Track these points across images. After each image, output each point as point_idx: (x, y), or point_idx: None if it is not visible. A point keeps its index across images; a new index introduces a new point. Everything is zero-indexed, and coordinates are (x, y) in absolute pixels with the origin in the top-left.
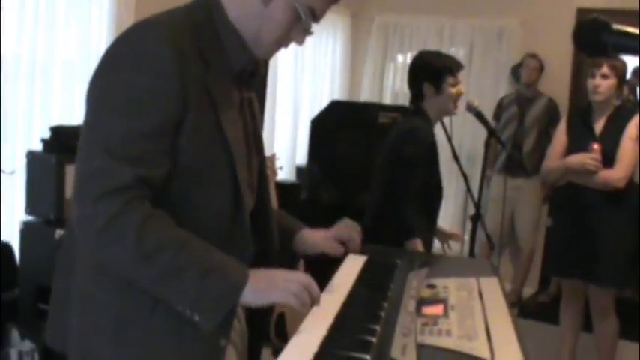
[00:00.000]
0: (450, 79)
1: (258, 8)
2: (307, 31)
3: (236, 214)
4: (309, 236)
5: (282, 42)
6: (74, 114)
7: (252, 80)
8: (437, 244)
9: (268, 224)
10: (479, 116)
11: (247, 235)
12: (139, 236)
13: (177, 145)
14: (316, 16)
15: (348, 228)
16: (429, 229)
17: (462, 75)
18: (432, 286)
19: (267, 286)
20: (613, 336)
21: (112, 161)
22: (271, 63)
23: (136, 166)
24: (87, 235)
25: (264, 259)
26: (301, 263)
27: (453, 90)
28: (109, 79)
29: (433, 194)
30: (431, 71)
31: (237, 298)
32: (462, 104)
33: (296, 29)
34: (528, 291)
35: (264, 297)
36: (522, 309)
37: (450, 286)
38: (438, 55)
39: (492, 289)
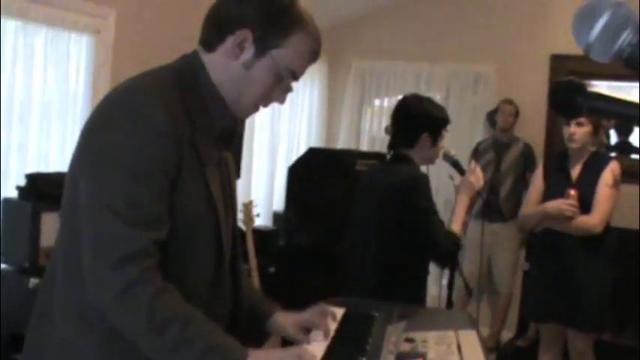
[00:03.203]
0: (444, 133)
1: (241, 72)
2: (288, 90)
3: (218, 270)
4: (280, 321)
5: (263, 102)
6: (50, 159)
7: (231, 139)
8: None
9: (238, 281)
10: (455, 165)
11: (227, 290)
12: (150, 309)
13: (172, 202)
14: (296, 76)
15: (320, 315)
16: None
17: None
18: (410, 340)
19: None
20: None
21: (125, 226)
22: None
23: (148, 230)
24: (102, 299)
25: (232, 316)
26: (277, 338)
27: (442, 144)
28: (109, 141)
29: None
30: (433, 122)
31: None
32: None
33: (277, 90)
34: (507, 335)
35: None
36: (501, 354)
37: (429, 339)
38: (433, 103)
39: (471, 342)
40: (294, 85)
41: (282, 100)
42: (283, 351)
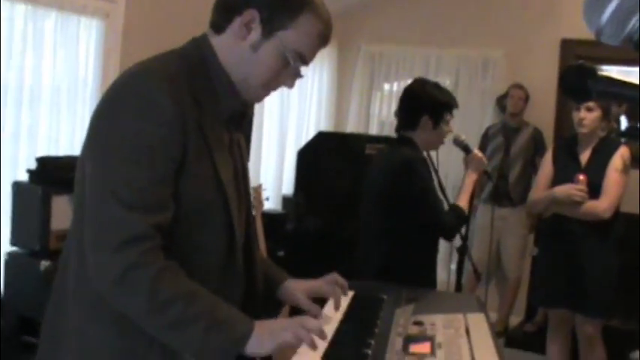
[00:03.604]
0: (447, 117)
1: (248, 54)
2: (297, 75)
3: (230, 253)
4: (291, 288)
5: (272, 86)
6: (60, 143)
7: (241, 122)
8: None
9: (253, 264)
10: (466, 150)
11: (239, 274)
12: (153, 288)
13: (178, 188)
14: (305, 60)
15: (331, 285)
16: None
17: None
18: (419, 323)
19: (268, 335)
20: None
21: (127, 210)
22: None
23: (150, 214)
24: (102, 283)
25: (248, 298)
26: (286, 308)
27: (447, 128)
28: (114, 126)
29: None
30: (433, 105)
31: (241, 349)
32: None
33: (285, 73)
34: (515, 320)
35: (265, 345)
36: (509, 338)
37: (437, 323)
38: (439, 88)
39: (479, 325)
40: (303, 69)
41: (290, 85)
42: (288, 321)
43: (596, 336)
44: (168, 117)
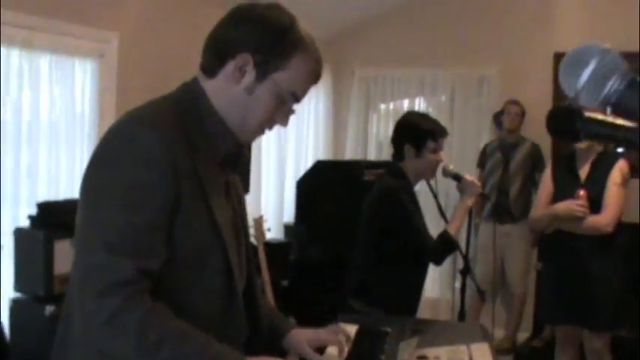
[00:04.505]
0: (431, 145)
1: (243, 97)
2: (290, 113)
3: (230, 297)
4: (296, 338)
5: (267, 125)
6: (60, 184)
7: (237, 163)
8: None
9: (256, 306)
10: (456, 178)
11: (242, 316)
12: (140, 331)
13: (173, 232)
14: (298, 98)
15: (335, 335)
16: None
17: (444, 122)
18: (423, 358)
19: None
20: None
21: (113, 255)
22: None
23: (136, 259)
24: (89, 329)
25: (252, 342)
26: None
27: (433, 157)
28: (105, 175)
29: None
30: (413, 133)
31: None
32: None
33: (280, 112)
34: (523, 336)
35: None
36: (517, 355)
37: (441, 355)
38: (423, 117)
39: (483, 355)
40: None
41: (284, 123)
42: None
43: (604, 350)
44: (159, 163)
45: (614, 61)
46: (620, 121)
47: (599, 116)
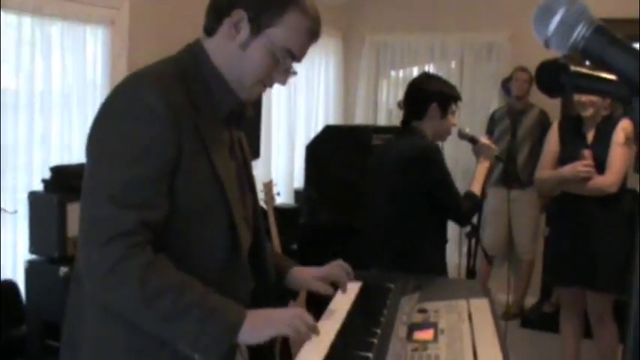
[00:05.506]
0: (453, 107)
1: (238, 53)
2: (288, 72)
3: (234, 250)
4: (299, 275)
5: (265, 83)
6: (72, 149)
7: (241, 121)
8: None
9: (264, 260)
10: (473, 141)
11: (246, 270)
12: (141, 281)
13: (175, 186)
14: (295, 57)
15: (338, 269)
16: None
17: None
18: (423, 311)
19: (262, 324)
20: (613, 342)
21: (116, 207)
22: None
23: (139, 210)
24: (92, 280)
25: (260, 294)
26: (303, 294)
27: (453, 119)
28: (108, 130)
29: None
30: (441, 94)
31: (234, 337)
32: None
33: (277, 71)
34: (531, 301)
35: (260, 334)
36: (525, 319)
37: (441, 309)
38: (444, 81)
39: (482, 310)
40: (310, 63)
41: (283, 82)
42: (283, 311)
43: (607, 313)
44: (160, 117)
45: (580, 9)
46: (605, 75)
47: (584, 70)
